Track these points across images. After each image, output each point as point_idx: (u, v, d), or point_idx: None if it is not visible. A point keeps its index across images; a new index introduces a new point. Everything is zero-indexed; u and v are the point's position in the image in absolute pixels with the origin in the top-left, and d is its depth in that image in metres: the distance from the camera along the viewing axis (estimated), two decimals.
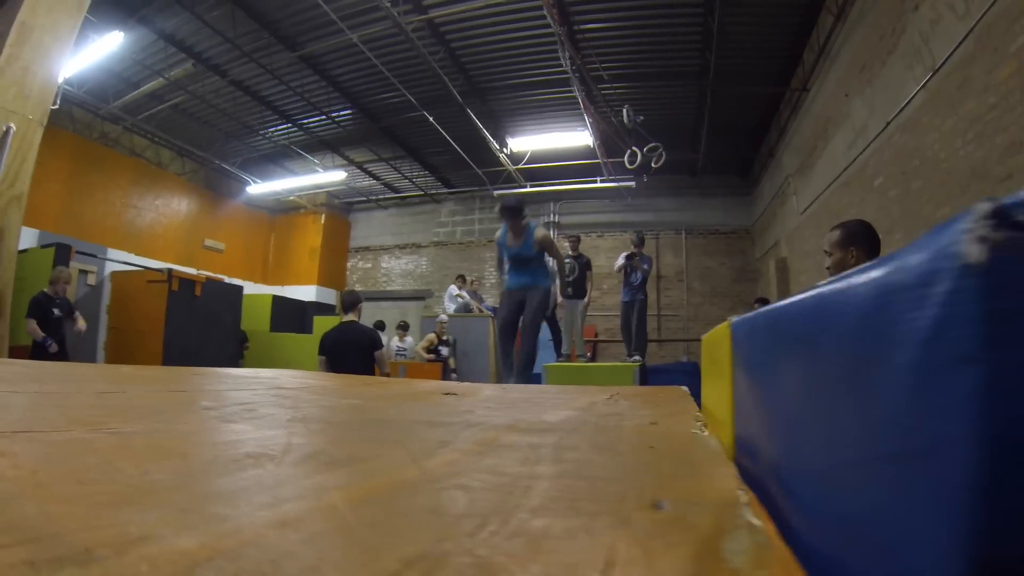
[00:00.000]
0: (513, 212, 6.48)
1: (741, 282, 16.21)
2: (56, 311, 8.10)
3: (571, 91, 11.45)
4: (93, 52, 10.80)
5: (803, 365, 0.64)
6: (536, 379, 7.59)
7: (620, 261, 10.16)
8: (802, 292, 0.66)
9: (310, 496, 0.59)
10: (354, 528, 0.50)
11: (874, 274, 0.45)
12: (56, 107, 6.46)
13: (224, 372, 2.92)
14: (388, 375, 7.56)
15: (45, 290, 8.16)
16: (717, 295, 16.46)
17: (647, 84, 12.16)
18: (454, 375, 11.70)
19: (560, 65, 10.70)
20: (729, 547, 0.48)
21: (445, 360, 11.76)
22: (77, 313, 8.45)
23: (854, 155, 8.80)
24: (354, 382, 2.81)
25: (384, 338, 15.16)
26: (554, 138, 13.81)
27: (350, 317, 7.50)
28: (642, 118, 11.41)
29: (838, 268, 3.41)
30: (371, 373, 6.92)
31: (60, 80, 6.17)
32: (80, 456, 0.72)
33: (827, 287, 0.56)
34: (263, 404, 1.42)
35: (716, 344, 1.34)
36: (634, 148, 11.87)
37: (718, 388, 1.29)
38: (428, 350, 11.73)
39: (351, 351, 7.06)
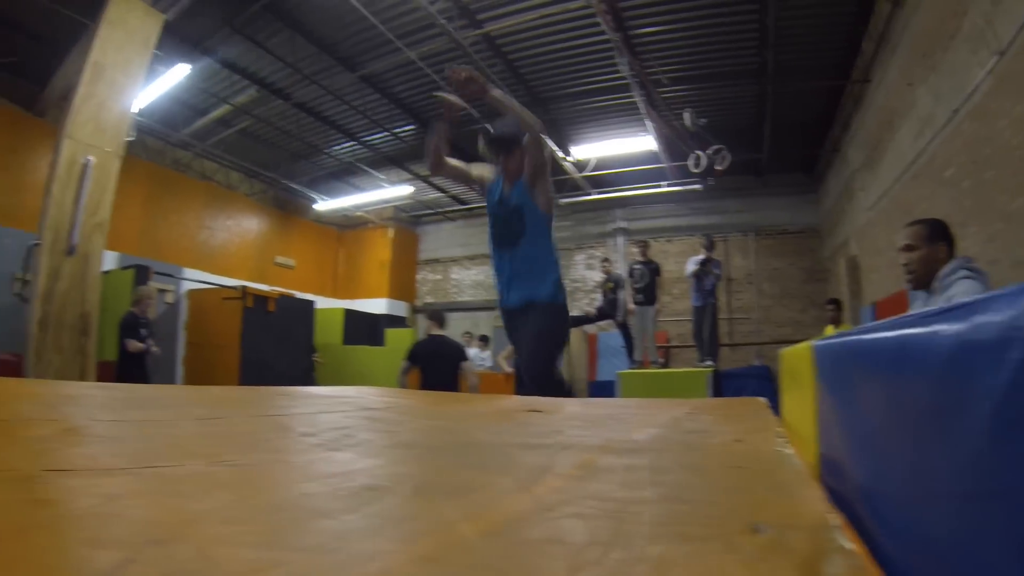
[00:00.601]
0: (509, 144, 4.31)
1: (811, 282, 15.95)
2: (143, 330, 8.50)
3: (631, 96, 11.48)
4: (162, 84, 11.26)
5: (889, 397, 0.68)
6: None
7: (692, 267, 10.12)
8: (882, 325, 0.71)
9: (441, 530, 0.60)
10: (493, 562, 0.52)
11: (956, 328, 0.49)
12: (131, 138, 6.73)
13: (309, 393, 2.89)
14: (477, 384, 8.60)
15: (132, 310, 8.54)
16: (787, 296, 16.23)
17: (705, 86, 12.08)
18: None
19: (618, 71, 10.72)
20: (829, 571, 0.51)
21: None
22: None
23: (922, 146, 8.57)
24: (438, 400, 2.84)
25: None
26: (617, 144, 13.74)
27: (439, 331, 8.40)
28: (705, 120, 11.33)
29: (926, 263, 3.43)
30: (457, 382, 8.06)
31: (133, 113, 6.42)
32: (212, 492, 0.73)
33: (909, 329, 0.61)
34: (358, 428, 1.45)
35: (797, 360, 1.36)
36: (698, 152, 11.79)
37: (800, 404, 1.32)
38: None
39: (441, 362, 8.01)
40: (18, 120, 13.35)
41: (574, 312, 14.69)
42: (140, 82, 6.54)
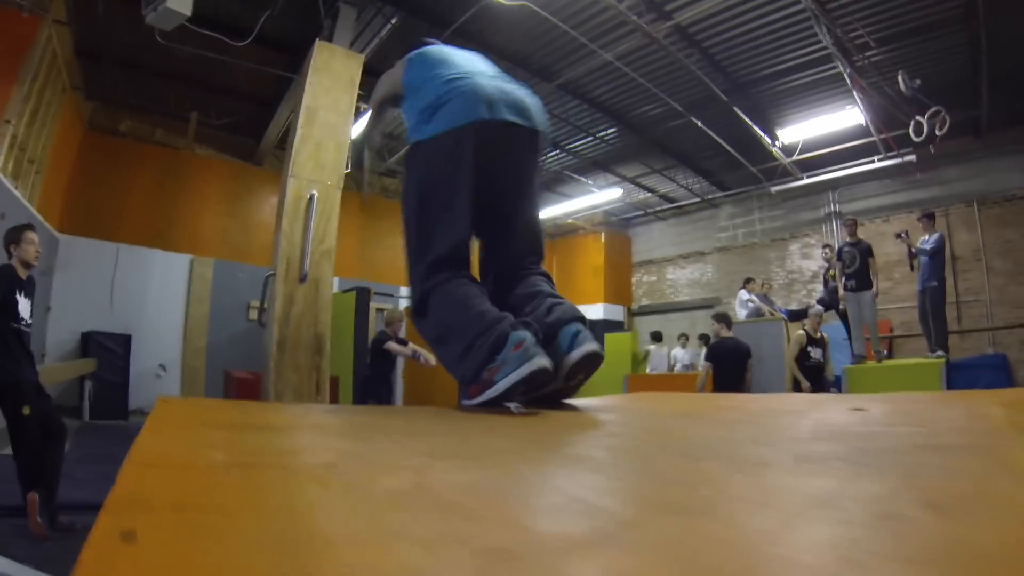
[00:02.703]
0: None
1: None
2: None
3: (832, 67, 10.85)
4: (367, 120, 11.98)
5: None
6: None
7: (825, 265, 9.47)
8: None
9: None
10: None
11: None
12: (348, 171, 7.28)
13: (745, 408, 2.31)
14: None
15: (385, 330, 9.36)
16: (1023, 273, 13.75)
17: (908, 43, 10.89)
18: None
19: (816, 42, 10.23)
20: None
21: (818, 367, 9.24)
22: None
23: None
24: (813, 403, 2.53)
25: (666, 349, 15.19)
26: (822, 123, 12.88)
27: (728, 333, 8.99)
28: (919, 82, 10.43)
29: None
30: (744, 379, 8.66)
31: (347, 147, 6.97)
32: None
33: None
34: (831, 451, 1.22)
35: None
36: (917, 117, 10.78)
37: None
38: (800, 357, 9.31)
39: (734, 361, 8.66)
40: (239, 171, 15.22)
41: (792, 306, 14.08)
42: (350, 119, 7.09)
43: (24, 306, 5.24)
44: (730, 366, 8.66)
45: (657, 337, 15.66)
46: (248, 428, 1.27)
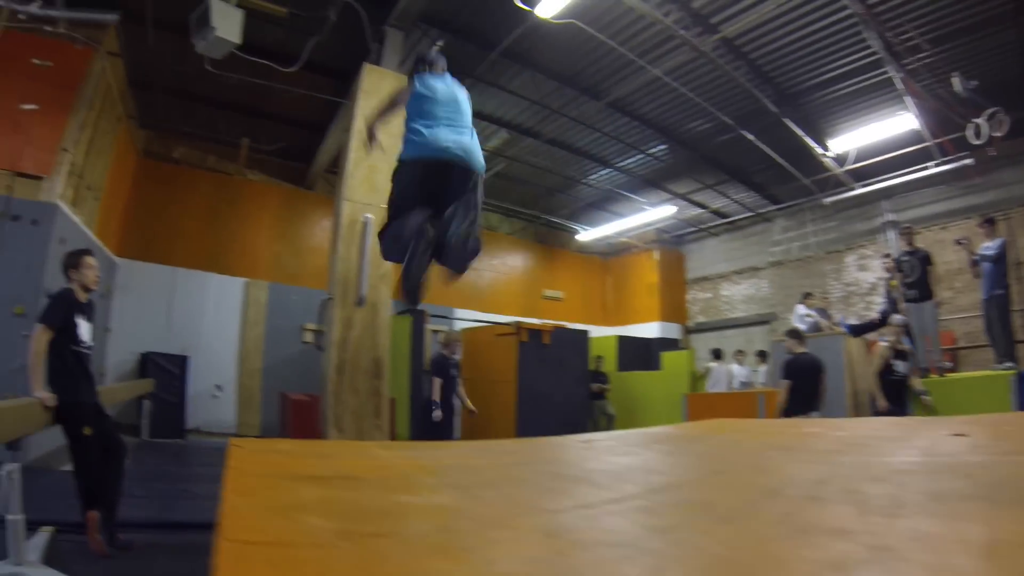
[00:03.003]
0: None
1: None
2: (452, 371, 9.34)
3: (883, 73, 10.62)
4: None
5: None
6: None
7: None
8: None
9: None
10: None
11: None
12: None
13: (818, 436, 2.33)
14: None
15: (443, 352, 9.40)
16: None
17: (958, 42, 10.40)
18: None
19: (865, 48, 10.04)
20: None
21: (901, 382, 8.68)
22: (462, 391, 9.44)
23: None
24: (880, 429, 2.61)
25: (725, 366, 14.99)
26: (874, 130, 12.33)
27: (802, 348, 8.88)
28: (975, 83, 10.17)
29: None
30: (819, 393, 8.56)
31: None
32: None
33: None
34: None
35: None
36: (975, 120, 10.47)
37: None
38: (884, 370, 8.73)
39: (809, 376, 8.58)
40: (290, 196, 15.50)
41: (851, 320, 13.73)
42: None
43: (84, 329, 5.33)
44: (806, 382, 8.52)
45: (717, 354, 15.47)
46: (336, 480, 1.22)
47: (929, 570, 0.71)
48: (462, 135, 4.77)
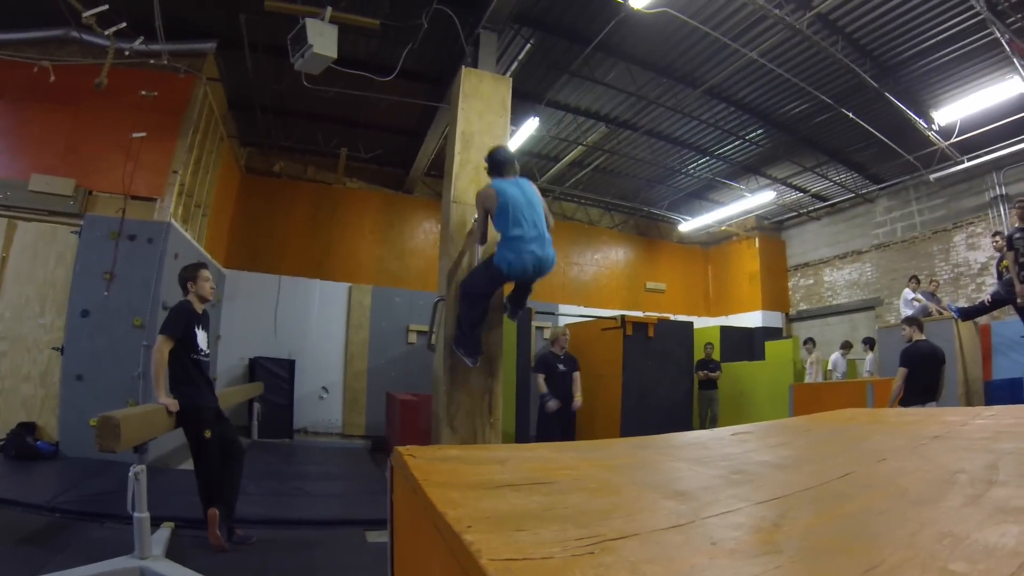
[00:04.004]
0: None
1: None
2: (561, 366, 9.29)
3: (989, 33, 9.99)
4: (515, 140, 12.16)
5: None
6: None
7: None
8: None
9: None
10: None
11: None
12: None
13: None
14: None
15: (551, 348, 9.46)
16: None
17: None
18: None
19: (967, 8, 9.47)
20: None
21: None
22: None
23: None
24: None
25: (836, 355, 14.50)
26: (980, 98, 11.53)
27: (921, 335, 8.60)
28: None
29: None
30: (938, 384, 8.34)
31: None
32: None
33: None
34: None
35: None
36: None
37: None
38: None
39: (931, 364, 8.30)
40: (390, 201, 15.88)
41: (961, 303, 12.98)
42: (506, 141, 7.12)
43: (202, 338, 5.62)
44: (926, 370, 8.19)
45: (846, 346, 14.89)
46: (539, 487, 1.19)
47: None
48: (545, 247, 5.68)
